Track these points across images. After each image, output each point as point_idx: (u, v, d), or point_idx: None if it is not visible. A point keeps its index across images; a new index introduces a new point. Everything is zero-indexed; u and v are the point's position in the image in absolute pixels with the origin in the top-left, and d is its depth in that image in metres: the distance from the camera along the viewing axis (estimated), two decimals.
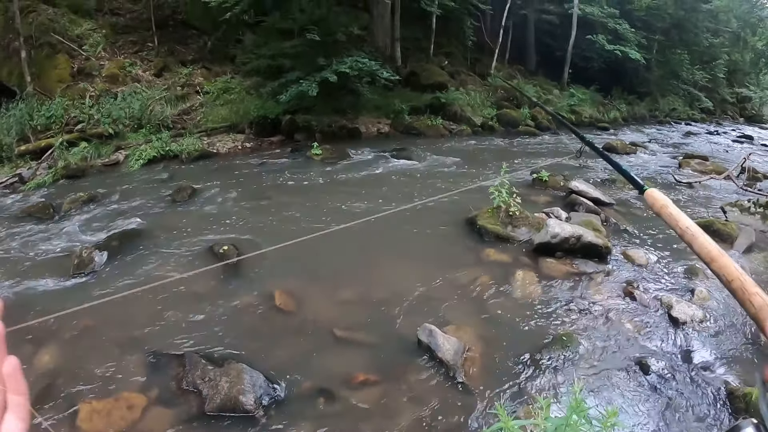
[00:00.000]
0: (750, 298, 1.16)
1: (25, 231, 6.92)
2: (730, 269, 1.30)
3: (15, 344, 2.26)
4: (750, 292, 1.17)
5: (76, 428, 3.20)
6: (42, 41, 13.26)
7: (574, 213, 6.73)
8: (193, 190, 8.11)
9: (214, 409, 3.27)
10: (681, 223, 1.61)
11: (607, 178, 9.18)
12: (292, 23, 13.13)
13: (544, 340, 4.04)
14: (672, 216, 1.67)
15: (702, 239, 1.47)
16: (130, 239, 6.07)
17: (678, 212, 1.61)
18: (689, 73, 29.18)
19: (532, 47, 25.27)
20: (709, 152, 14.14)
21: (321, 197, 7.80)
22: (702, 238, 1.47)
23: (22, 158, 10.84)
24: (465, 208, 6.58)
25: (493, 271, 5.15)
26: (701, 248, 1.46)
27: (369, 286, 4.88)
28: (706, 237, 1.47)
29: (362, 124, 14.44)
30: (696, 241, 1.49)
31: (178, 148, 11.24)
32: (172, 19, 16.39)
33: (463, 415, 3.24)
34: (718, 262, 1.36)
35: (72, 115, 11.79)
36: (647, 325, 4.30)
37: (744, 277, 1.22)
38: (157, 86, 13.68)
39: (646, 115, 25.28)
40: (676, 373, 3.64)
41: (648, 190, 1.79)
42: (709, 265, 1.39)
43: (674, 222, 1.66)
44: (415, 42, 19.59)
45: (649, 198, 1.85)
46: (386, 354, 3.87)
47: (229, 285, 4.96)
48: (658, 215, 1.57)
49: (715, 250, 1.39)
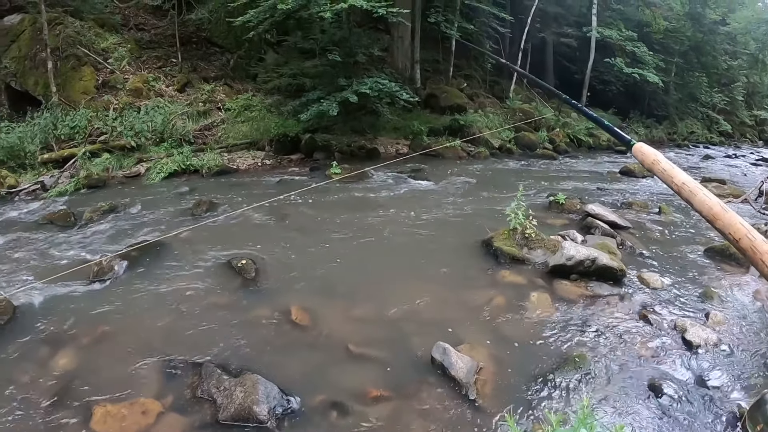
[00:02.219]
0: (762, 257, 1.09)
1: (46, 237, 7.05)
2: (737, 227, 1.21)
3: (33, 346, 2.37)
4: (761, 251, 1.10)
5: (90, 430, 3.26)
6: (68, 53, 13.53)
7: (590, 236, 6.72)
8: (212, 204, 8.22)
9: (228, 419, 3.31)
10: (676, 179, 1.51)
11: (624, 202, 9.16)
12: (314, 43, 13.36)
13: (557, 361, 4.04)
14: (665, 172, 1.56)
15: (701, 195, 1.37)
16: (150, 250, 6.15)
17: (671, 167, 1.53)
18: (707, 95, 29.09)
19: (550, 70, 25.32)
20: (727, 176, 14.04)
21: (339, 215, 7.86)
22: (701, 193, 1.38)
23: (44, 166, 11.06)
24: (481, 229, 6.61)
25: (507, 293, 5.16)
26: (701, 205, 1.36)
27: (384, 303, 4.90)
28: (705, 192, 1.37)
29: (381, 144, 14.54)
30: (695, 197, 1.40)
31: (198, 163, 11.42)
32: (195, 37, 16.64)
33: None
34: (722, 220, 1.27)
35: (95, 127, 12.02)
36: (661, 348, 4.29)
37: (752, 233, 1.15)
38: (180, 101, 13.88)
39: (664, 139, 25.16)
40: (689, 397, 3.62)
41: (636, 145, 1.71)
42: (713, 224, 1.30)
43: (668, 178, 1.56)
44: (434, 64, 19.77)
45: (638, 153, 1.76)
46: (399, 370, 3.90)
47: (247, 298, 5.03)
48: (650, 171, 1.48)
49: (717, 206, 1.29)
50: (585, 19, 23.60)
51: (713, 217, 1.23)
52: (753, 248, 1.10)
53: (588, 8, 23.35)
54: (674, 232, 7.42)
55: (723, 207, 1.22)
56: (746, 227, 1.13)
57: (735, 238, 1.13)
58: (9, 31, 14.02)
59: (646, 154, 1.56)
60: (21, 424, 3.32)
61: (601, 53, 23.06)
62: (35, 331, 4.41)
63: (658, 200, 9.01)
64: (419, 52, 17.70)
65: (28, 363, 3.98)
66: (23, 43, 13.71)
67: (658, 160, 1.50)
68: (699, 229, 7.35)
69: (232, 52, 16.39)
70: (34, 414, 3.40)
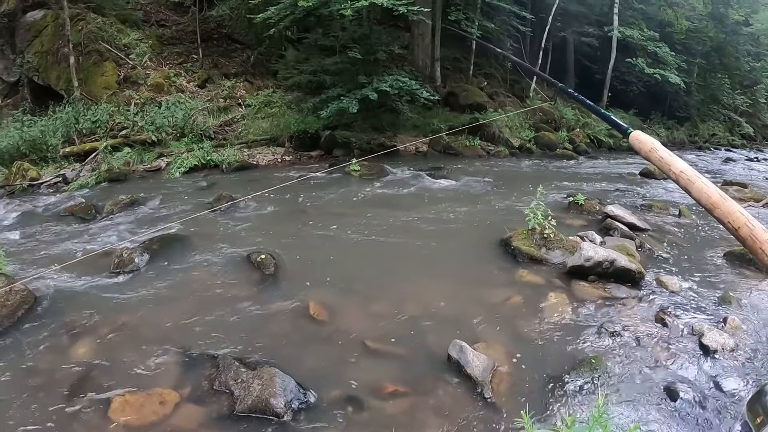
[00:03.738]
0: (762, 246, 1.07)
1: (67, 229, 7.17)
2: (736, 215, 1.21)
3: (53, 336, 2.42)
4: (761, 240, 1.09)
5: (108, 419, 3.30)
6: (90, 49, 13.75)
7: (609, 237, 6.68)
8: (231, 199, 8.29)
9: (245, 410, 3.35)
10: (674, 167, 1.50)
11: (643, 203, 9.09)
12: (334, 41, 13.38)
13: (573, 361, 4.03)
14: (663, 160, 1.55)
15: (700, 183, 1.36)
16: (169, 243, 6.23)
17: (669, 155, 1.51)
18: (730, 97, 28.62)
19: (571, 70, 25.13)
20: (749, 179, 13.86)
21: (358, 212, 7.90)
22: (699, 182, 1.37)
23: (66, 159, 11.28)
24: (500, 228, 6.60)
25: (525, 292, 5.15)
26: (700, 193, 1.36)
27: (402, 300, 4.92)
28: (704, 180, 1.36)
29: (400, 142, 14.56)
30: (693, 186, 1.39)
31: (218, 158, 11.53)
32: (216, 33, 16.78)
33: (488, 431, 3.27)
34: (721, 209, 1.26)
35: (117, 121, 12.21)
36: (677, 352, 4.26)
37: (752, 222, 1.14)
38: (201, 97, 14.03)
39: (685, 141, 24.86)
40: (705, 402, 3.59)
41: (633, 133, 1.70)
42: (712, 213, 1.29)
43: (666, 166, 1.55)
44: (454, 62, 19.70)
45: (635, 141, 1.74)
46: (416, 367, 3.91)
47: (266, 293, 5.07)
48: (647, 159, 1.47)
49: (715, 195, 1.29)
50: (606, 18, 23.36)
51: (712, 206, 1.22)
52: (753, 237, 1.09)
53: (610, 7, 23.11)
54: (694, 235, 7.35)
55: (722, 195, 1.22)
56: (745, 215, 1.12)
57: (734, 226, 1.13)
58: (32, 27, 14.27)
59: (643, 142, 1.56)
60: (40, 411, 3.37)
61: (623, 53, 22.83)
62: (55, 321, 4.48)
63: (677, 202, 8.91)
64: (439, 50, 17.65)
65: (48, 352, 4.05)
66: (46, 39, 13.93)
67: (655, 148, 1.50)
68: (719, 233, 7.27)
69: (252, 49, 16.50)
70: (53, 402, 3.46)
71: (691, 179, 1.30)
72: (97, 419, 3.31)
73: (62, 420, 3.31)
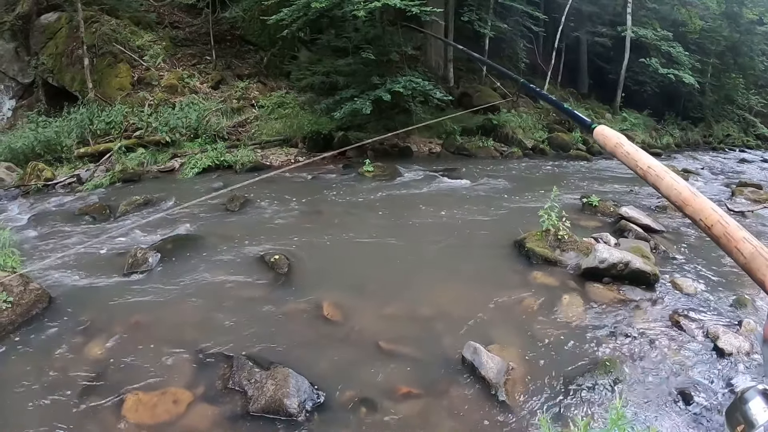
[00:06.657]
0: (737, 245, 1.02)
1: (81, 229, 7.23)
2: (708, 212, 1.15)
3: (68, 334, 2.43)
4: (736, 239, 1.04)
5: (121, 417, 3.34)
6: (104, 50, 13.85)
7: (623, 239, 6.63)
8: (245, 200, 8.31)
9: (258, 410, 3.36)
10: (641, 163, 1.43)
11: (658, 205, 9.01)
12: (347, 42, 13.36)
13: (587, 364, 4.00)
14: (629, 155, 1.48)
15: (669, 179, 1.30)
16: (183, 243, 6.26)
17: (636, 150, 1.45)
18: (744, 97, 28.29)
19: (584, 70, 25.00)
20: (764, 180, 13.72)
21: (371, 213, 7.90)
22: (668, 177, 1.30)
23: (80, 160, 11.35)
24: (514, 230, 6.57)
25: (539, 294, 5.12)
26: (669, 190, 1.29)
27: (415, 301, 4.92)
28: (673, 176, 1.30)
29: (414, 143, 14.52)
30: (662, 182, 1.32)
31: (232, 159, 11.55)
32: (229, 34, 16.81)
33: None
34: (693, 206, 1.20)
35: (131, 122, 12.28)
36: (692, 354, 4.23)
37: (725, 219, 1.08)
38: (214, 98, 14.07)
39: (699, 141, 24.61)
40: (720, 406, 3.57)
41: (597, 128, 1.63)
42: (683, 210, 1.23)
43: (633, 162, 1.48)
44: (467, 63, 19.63)
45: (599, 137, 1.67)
46: (430, 368, 3.91)
47: (280, 293, 5.09)
48: (614, 156, 1.41)
49: (686, 191, 1.23)
50: (620, 18, 23.16)
51: (683, 203, 1.17)
52: (726, 235, 1.04)
53: (623, 7, 22.93)
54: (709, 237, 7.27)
55: (693, 191, 1.17)
56: (719, 213, 1.08)
57: (707, 224, 1.08)
58: (46, 29, 14.42)
59: (608, 137, 1.50)
60: (54, 409, 3.40)
61: (636, 53, 22.63)
62: (70, 320, 4.52)
63: None
64: (453, 50, 17.61)
65: (63, 350, 4.08)
66: (60, 41, 14.06)
67: (621, 143, 1.44)
68: None
69: (265, 50, 16.51)
70: (67, 400, 3.49)
71: (659, 175, 1.25)
72: (110, 417, 3.34)
73: (76, 418, 3.33)
